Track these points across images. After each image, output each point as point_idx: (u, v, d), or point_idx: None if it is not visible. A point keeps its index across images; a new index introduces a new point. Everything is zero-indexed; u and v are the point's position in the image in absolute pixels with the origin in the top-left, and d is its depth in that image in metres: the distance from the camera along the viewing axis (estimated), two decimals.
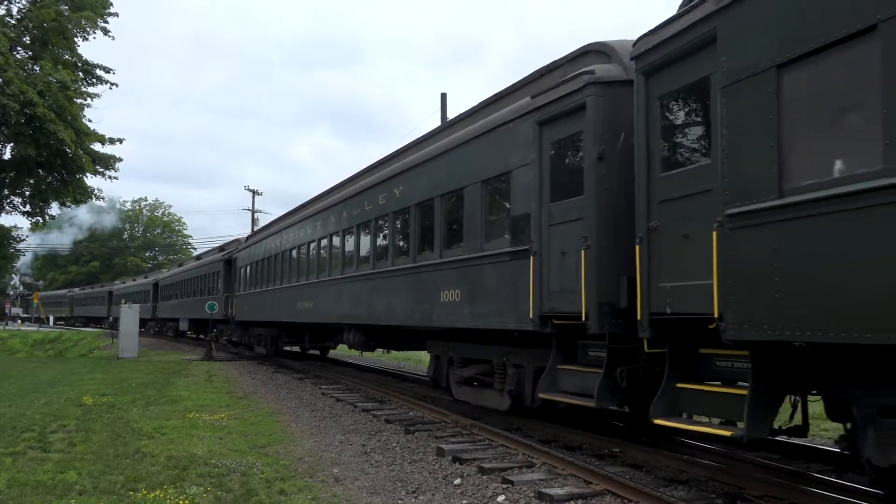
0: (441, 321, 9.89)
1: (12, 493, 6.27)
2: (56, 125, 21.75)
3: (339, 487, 6.70)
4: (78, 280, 79.94)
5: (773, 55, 4.87)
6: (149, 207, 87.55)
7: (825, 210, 4.48)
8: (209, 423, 10.27)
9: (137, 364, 21.91)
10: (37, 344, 38.10)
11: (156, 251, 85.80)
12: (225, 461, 7.59)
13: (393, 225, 11.95)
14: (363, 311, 13.02)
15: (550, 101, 7.70)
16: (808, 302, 4.59)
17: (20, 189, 26.12)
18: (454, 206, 9.87)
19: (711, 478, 6.45)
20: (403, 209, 11.43)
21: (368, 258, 12.95)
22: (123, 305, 27.69)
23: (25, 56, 24.34)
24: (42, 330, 49.93)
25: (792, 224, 4.71)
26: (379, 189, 12.52)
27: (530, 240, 7.81)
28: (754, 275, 4.97)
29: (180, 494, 6.16)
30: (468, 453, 7.77)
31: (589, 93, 7.10)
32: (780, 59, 4.82)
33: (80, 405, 12.17)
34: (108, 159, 26.13)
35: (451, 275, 9.63)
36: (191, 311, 32.06)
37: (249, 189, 48.77)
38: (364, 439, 9.09)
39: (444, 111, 24.38)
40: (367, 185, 13.23)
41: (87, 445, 8.54)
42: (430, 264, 10.32)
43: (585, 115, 7.14)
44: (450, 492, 6.45)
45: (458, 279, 9.44)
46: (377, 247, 12.63)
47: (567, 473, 6.81)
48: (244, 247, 25.13)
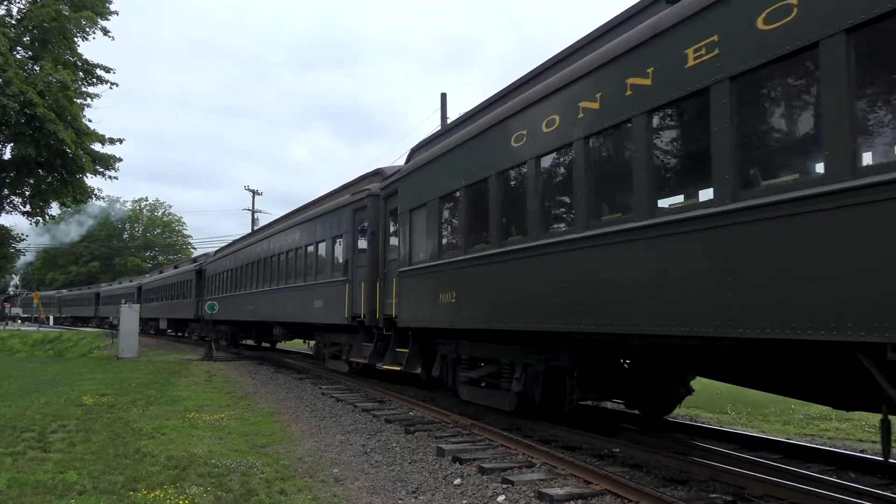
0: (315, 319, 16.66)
1: (12, 493, 6.27)
2: (56, 125, 21.74)
3: (339, 487, 6.70)
4: (78, 280, 79.97)
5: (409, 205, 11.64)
6: (149, 207, 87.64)
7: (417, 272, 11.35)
8: (209, 423, 10.27)
9: (137, 364, 21.91)
10: (37, 344, 38.07)
11: (156, 251, 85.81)
12: (225, 461, 7.59)
13: (282, 260, 19.90)
14: (283, 313, 19.50)
15: (357, 200, 14.27)
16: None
17: (20, 189, 26.11)
18: (310, 253, 17.48)
19: (711, 478, 6.45)
20: (287, 251, 19.32)
21: (281, 277, 19.81)
22: (123, 305, 27.74)
23: (25, 56, 24.31)
24: (42, 330, 49.90)
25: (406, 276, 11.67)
26: (273, 237, 21.11)
27: (346, 274, 14.58)
28: (403, 297, 11.58)
29: (180, 494, 6.16)
30: (468, 453, 7.77)
31: (368, 200, 13.75)
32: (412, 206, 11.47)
33: (80, 405, 12.17)
34: (108, 159, 26.12)
35: (319, 291, 16.19)
36: (169, 311, 38.01)
37: (249, 189, 48.88)
38: (364, 439, 9.09)
39: (443, 111, 24.45)
40: (271, 233, 21.89)
41: (87, 445, 8.54)
42: (307, 285, 17.24)
43: (367, 211, 13.74)
44: (450, 492, 6.45)
45: (319, 294, 16.14)
46: (284, 270, 19.55)
47: (567, 473, 6.81)
48: (211, 261, 31.87)
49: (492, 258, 8.74)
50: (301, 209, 20.51)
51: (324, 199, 18.20)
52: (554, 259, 7.45)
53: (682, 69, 5.80)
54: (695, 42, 5.67)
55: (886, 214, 4.22)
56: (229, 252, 28.12)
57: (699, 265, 5.54)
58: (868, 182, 4.31)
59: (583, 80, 7.13)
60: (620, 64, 6.57)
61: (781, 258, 4.85)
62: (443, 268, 10.18)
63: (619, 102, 6.52)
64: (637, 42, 6.36)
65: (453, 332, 10.65)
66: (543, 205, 7.88)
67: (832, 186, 4.52)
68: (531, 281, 7.82)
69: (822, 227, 4.58)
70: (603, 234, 6.69)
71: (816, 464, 7.03)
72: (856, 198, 4.37)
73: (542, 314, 7.58)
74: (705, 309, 5.45)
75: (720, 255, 5.33)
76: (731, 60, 5.32)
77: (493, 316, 8.77)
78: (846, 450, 7.97)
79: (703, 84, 5.55)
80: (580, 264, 7.06)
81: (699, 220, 5.57)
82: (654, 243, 6.03)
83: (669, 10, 6.08)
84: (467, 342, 10.60)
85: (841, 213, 4.47)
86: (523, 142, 8.14)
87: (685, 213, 5.79)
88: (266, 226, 25.94)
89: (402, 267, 11.68)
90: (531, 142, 7.98)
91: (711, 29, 5.52)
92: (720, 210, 5.35)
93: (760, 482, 6.08)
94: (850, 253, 4.40)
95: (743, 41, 5.22)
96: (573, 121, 7.21)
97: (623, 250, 6.42)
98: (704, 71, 5.56)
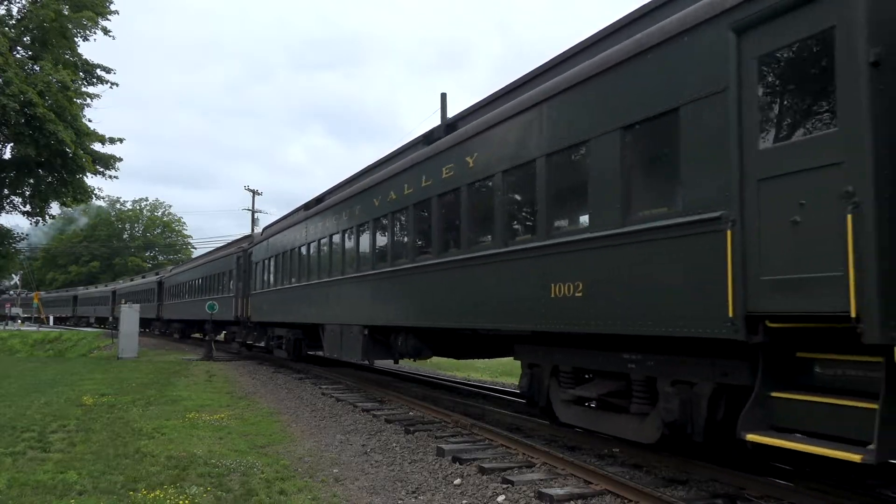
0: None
1: (12, 493, 6.27)
2: (56, 125, 21.75)
3: (339, 487, 6.70)
4: (78, 280, 79.92)
5: None
6: (149, 207, 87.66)
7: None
8: (209, 423, 10.27)
9: (137, 364, 21.91)
10: (37, 344, 38.06)
11: (156, 251, 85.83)
12: (225, 461, 7.59)
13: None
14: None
15: (237, 251, 12.43)
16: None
17: (20, 189, 26.13)
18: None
19: (711, 478, 6.45)
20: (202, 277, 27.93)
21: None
22: (123, 305, 27.74)
23: (25, 56, 24.31)
24: (42, 330, 49.89)
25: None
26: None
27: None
28: (254, 307, 11.12)
29: (180, 494, 6.16)
30: (468, 453, 7.77)
31: (241, 252, 11.45)
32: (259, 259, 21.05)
33: (80, 405, 12.16)
34: (108, 159, 26.15)
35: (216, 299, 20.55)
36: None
37: (250, 189, 48.85)
38: (364, 439, 9.09)
39: (443, 111, 24.39)
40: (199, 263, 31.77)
41: (87, 445, 8.54)
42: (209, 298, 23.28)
43: (242, 258, 10.71)
44: (450, 492, 6.45)
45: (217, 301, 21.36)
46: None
47: (567, 473, 6.81)
48: (171, 274, 40.97)
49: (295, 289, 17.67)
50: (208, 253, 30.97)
51: (221, 249, 29.60)
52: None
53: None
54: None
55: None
56: (183, 268, 38.73)
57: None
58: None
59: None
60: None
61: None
62: (272, 292, 19.89)
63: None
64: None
65: (272, 324, 20.96)
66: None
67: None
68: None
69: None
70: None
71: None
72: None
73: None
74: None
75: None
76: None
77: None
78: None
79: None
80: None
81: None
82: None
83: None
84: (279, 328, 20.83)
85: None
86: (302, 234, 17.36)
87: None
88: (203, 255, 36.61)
89: (253, 291, 22.12)
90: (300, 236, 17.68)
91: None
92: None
93: (760, 482, 6.08)
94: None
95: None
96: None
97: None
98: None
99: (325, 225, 15.46)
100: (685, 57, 5.75)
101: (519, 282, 7.93)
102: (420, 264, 10.53)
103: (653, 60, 6.12)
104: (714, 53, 5.45)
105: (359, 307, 13.10)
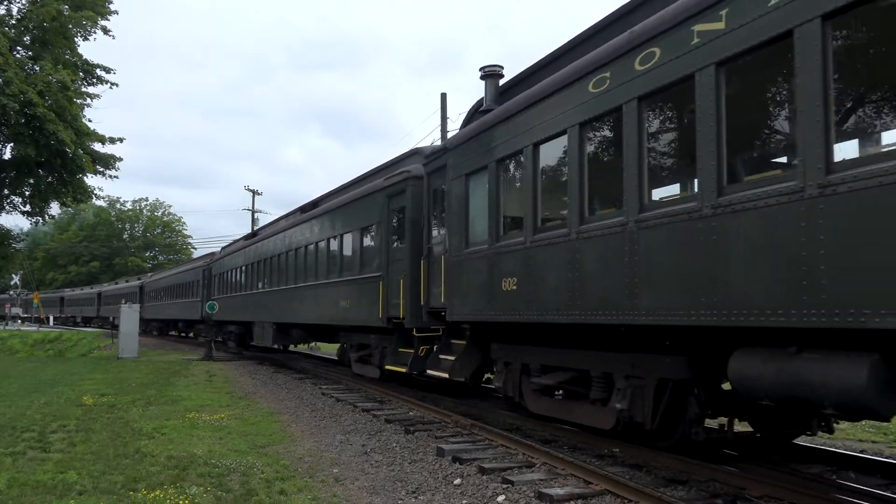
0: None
1: (12, 493, 6.27)
2: (56, 125, 21.72)
3: (339, 487, 6.70)
4: (78, 280, 79.92)
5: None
6: (149, 207, 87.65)
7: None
8: (209, 423, 10.27)
9: (137, 364, 21.91)
10: (37, 344, 38.04)
11: (156, 251, 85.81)
12: (225, 461, 7.59)
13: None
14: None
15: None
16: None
17: (20, 189, 26.11)
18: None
19: (711, 478, 6.44)
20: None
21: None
22: (123, 305, 27.76)
23: (25, 56, 24.30)
24: (42, 330, 49.89)
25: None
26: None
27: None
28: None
29: (180, 494, 6.16)
30: (468, 453, 7.77)
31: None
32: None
33: (80, 405, 12.17)
34: (108, 159, 26.12)
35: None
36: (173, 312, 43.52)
37: (249, 189, 48.84)
38: (364, 439, 9.09)
39: (443, 111, 24.46)
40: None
41: (87, 445, 8.54)
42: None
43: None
44: (450, 492, 6.45)
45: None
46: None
47: (567, 473, 6.81)
48: (150, 280, 45.55)
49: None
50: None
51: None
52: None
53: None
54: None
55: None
56: (160, 276, 40.80)
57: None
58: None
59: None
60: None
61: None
62: (225, 298, 26.75)
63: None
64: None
65: (226, 322, 26.75)
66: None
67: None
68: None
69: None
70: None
71: (816, 464, 7.03)
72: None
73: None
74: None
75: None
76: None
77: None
78: (846, 450, 7.98)
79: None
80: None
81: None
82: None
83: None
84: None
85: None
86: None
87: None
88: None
89: (213, 297, 23.46)
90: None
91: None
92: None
93: (760, 482, 6.08)
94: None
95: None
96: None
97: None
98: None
99: (254, 254, 23.24)
100: (371, 204, 13.51)
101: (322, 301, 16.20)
102: (292, 286, 18.39)
103: (364, 202, 14.04)
104: (379, 204, 13.08)
105: (271, 311, 20.66)
